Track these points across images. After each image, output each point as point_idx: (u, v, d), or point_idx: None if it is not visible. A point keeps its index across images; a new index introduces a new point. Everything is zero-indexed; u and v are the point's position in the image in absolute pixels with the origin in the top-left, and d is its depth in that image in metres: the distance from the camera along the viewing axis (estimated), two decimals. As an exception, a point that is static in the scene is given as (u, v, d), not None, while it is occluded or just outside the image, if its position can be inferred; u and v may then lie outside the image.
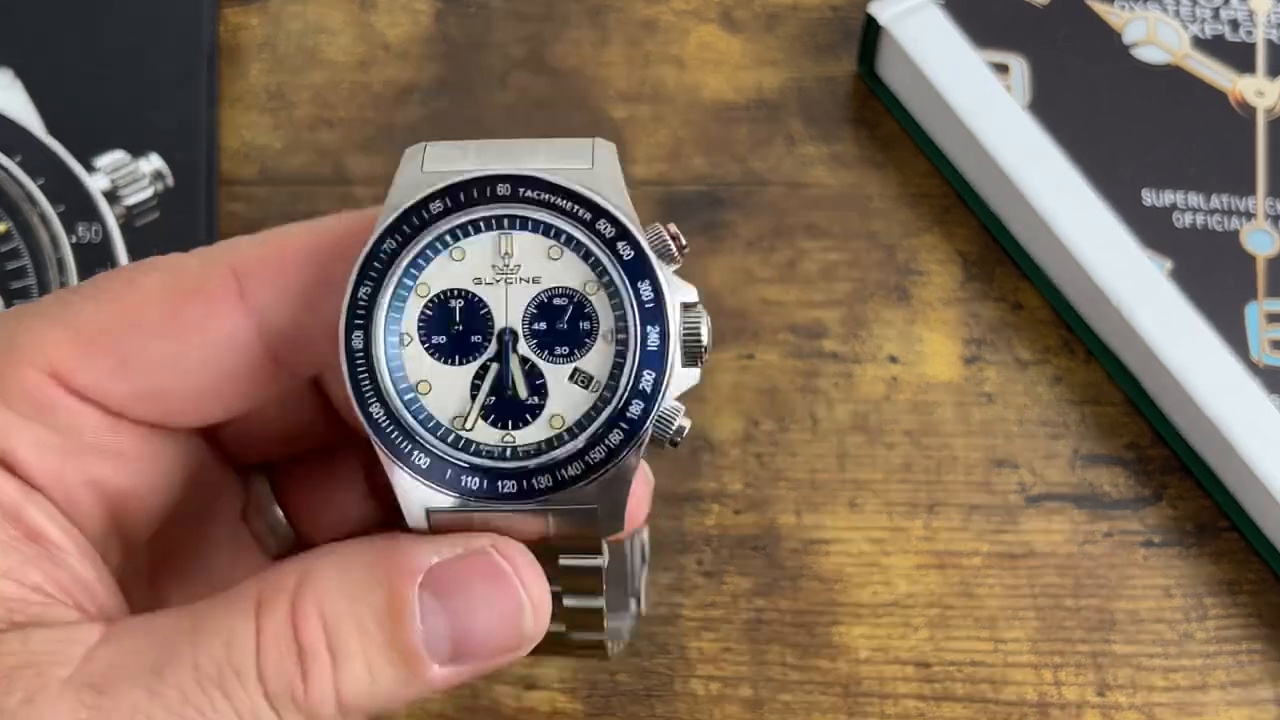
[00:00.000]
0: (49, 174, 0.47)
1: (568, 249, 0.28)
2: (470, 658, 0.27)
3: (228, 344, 0.28)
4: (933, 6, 0.50)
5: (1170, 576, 0.45)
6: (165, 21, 0.50)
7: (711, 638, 0.43)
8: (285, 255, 0.29)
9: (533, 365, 0.27)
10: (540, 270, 0.28)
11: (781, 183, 0.50)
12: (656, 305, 0.27)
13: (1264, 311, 0.45)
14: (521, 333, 0.27)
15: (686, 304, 0.28)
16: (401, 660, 0.26)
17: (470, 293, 0.27)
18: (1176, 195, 0.47)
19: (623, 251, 0.28)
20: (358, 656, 0.26)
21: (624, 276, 0.27)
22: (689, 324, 0.27)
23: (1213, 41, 0.50)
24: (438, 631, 0.26)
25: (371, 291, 0.27)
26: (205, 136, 0.49)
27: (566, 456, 0.27)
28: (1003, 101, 0.48)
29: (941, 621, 0.44)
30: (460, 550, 0.27)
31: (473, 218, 0.27)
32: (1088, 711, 0.42)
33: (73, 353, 0.28)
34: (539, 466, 0.27)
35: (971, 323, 0.48)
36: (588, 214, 0.27)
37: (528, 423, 0.27)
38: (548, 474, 0.27)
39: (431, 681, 0.26)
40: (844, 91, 0.52)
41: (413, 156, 0.28)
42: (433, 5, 0.53)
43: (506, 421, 0.27)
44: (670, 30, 0.53)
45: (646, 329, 0.27)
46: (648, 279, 0.27)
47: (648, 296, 0.27)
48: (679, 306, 0.28)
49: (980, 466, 0.46)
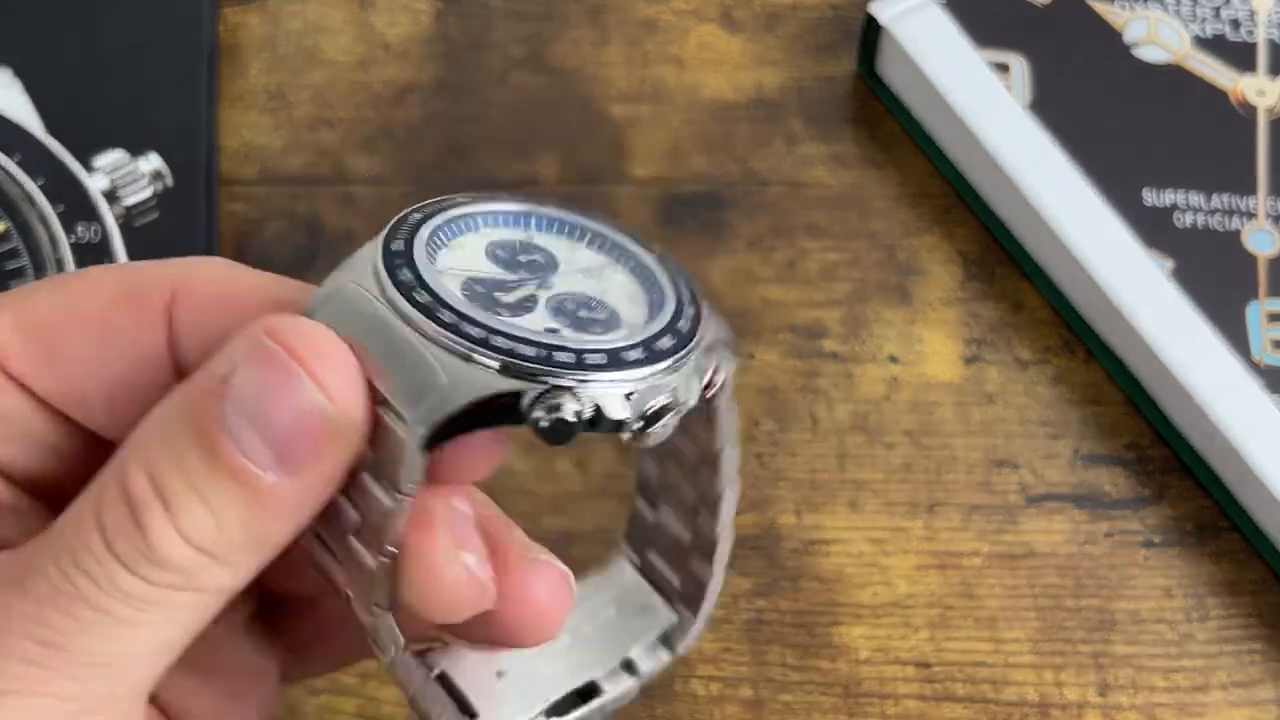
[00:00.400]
0: (48, 174, 0.47)
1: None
2: (293, 458, 0.25)
3: (145, 359, 0.28)
4: (933, 6, 0.50)
5: (1171, 577, 0.45)
6: (164, 21, 0.50)
7: (711, 638, 0.43)
8: (235, 291, 0.28)
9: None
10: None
11: (781, 183, 0.50)
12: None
13: (1265, 311, 0.45)
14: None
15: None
16: (230, 479, 0.25)
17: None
18: (1177, 195, 0.47)
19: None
20: (188, 492, 0.25)
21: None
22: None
23: (1214, 41, 0.50)
24: (251, 440, 0.25)
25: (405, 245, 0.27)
26: (205, 136, 0.49)
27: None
28: (1003, 101, 0.48)
29: (942, 622, 0.44)
30: (244, 345, 0.25)
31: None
32: (1089, 712, 0.42)
33: (12, 337, 0.28)
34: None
35: (972, 323, 0.48)
36: None
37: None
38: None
39: (274, 495, 0.25)
40: (844, 91, 0.52)
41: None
42: (432, 5, 0.53)
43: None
44: (670, 30, 0.53)
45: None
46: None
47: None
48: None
49: (980, 466, 0.46)
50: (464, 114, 0.51)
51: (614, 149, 0.51)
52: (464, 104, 0.51)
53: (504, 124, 0.51)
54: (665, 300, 0.27)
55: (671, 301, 0.27)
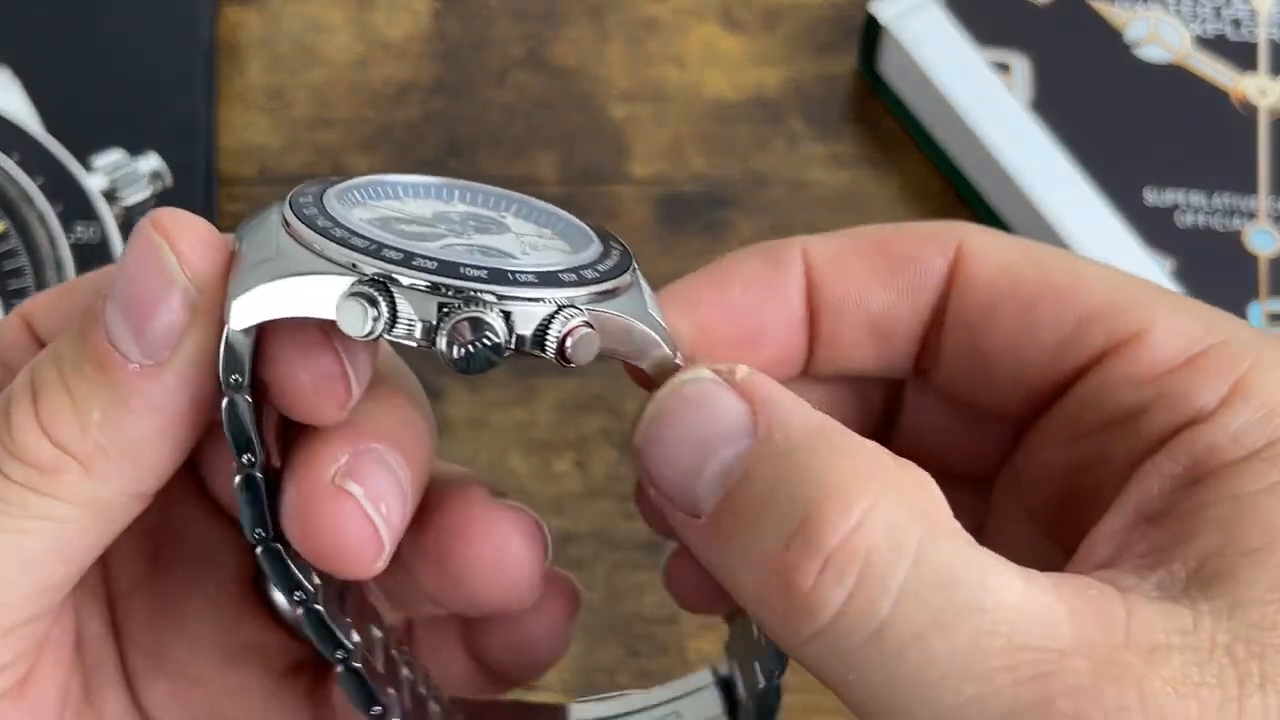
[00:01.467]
0: (47, 173, 0.47)
1: None
2: (153, 338, 0.24)
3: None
4: (934, 5, 0.50)
5: (1172, 577, 0.44)
6: (164, 20, 0.50)
7: (712, 638, 0.43)
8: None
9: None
10: None
11: (781, 182, 0.50)
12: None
13: (1266, 311, 0.45)
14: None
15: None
16: (95, 369, 0.24)
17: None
18: (1178, 195, 0.47)
19: None
20: (56, 384, 0.24)
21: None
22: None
23: (1214, 40, 0.50)
24: (118, 326, 0.24)
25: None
26: (204, 136, 0.49)
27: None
28: (1004, 100, 0.48)
29: (943, 622, 0.44)
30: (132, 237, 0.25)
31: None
32: (1089, 713, 0.42)
33: (45, 299, 0.27)
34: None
35: (973, 322, 0.48)
36: None
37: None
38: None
39: (135, 386, 0.24)
40: (844, 90, 0.52)
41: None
42: (432, 4, 0.53)
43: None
44: (670, 29, 0.53)
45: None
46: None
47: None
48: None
49: (981, 467, 0.46)
50: (463, 113, 0.51)
51: (614, 149, 0.51)
52: (463, 103, 0.51)
53: (503, 123, 0.51)
54: (592, 244, 0.25)
55: (598, 245, 0.25)
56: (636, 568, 0.44)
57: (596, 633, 0.43)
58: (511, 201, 0.27)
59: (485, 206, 0.26)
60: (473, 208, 0.26)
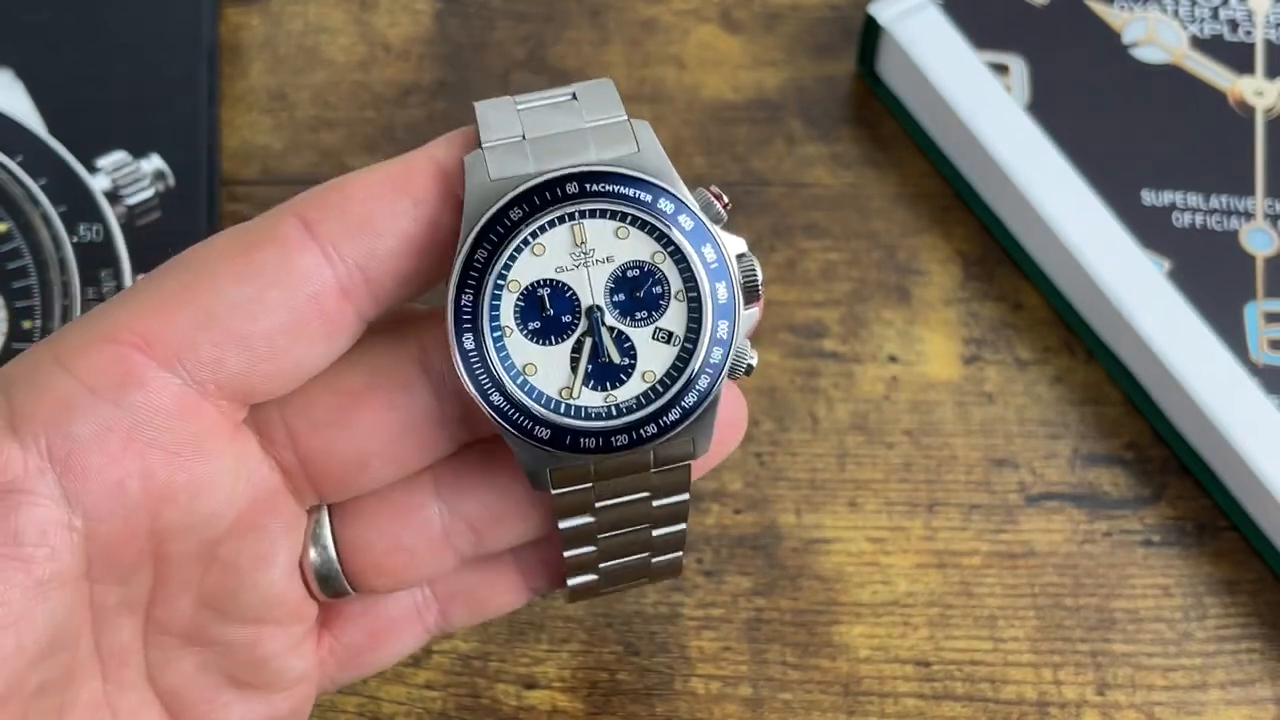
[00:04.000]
0: (50, 174, 0.47)
1: (634, 228, 0.31)
2: None
3: (303, 279, 0.29)
4: (933, 7, 0.50)
5: (1170, 576, 0.45)
6: (166, 22, 0.50)
7: (711, 637, 0.43)
8: (345, 193, 0.30)
9: (620, 332, 0.31)
10: (612, 250, 0.31)
11: (781, 183, 0.50)
12: (720, 264, 0.31)
13: (1263, 311, 0.45)
14: (605, 306, 0.31)
15: (739, 255, 0.31)
16: None
17: (555, 280, 0.31)
18: (1176, 195, 0.47)
19: (684, 224, 0.31)
20: None
21: (690, 245, 0.31)
22: (746, 272, 0.31)
23: (1212, 41, 0.50)
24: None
25: (473, 298, 0.30)
26: (206, 136, 0.49)
27: (665, 404, 0.31)
28: (1002, 102, 0.48)
29: (941, 621, 0.44)
30: None
31: (549, 218, 0.30)
32: (1087, 711, 0.43)
33: (157, 315, 0.29)
34: (643, 418, 0.31)
35: (971, 323, 0.48)
36: (648, 196, 0.31)
37: (623, 382, 0.31)
38: (652, 423, 0.31)
39: None
40: (844, 91, 0.52)
41: (475, 164, 0.30)
42: (433, 5, 0.53)
43: (606, 384, 0.31)
44: (670, 30, 0.53)
45: (715, 286, 0.31)
46: (709, 242, 0.31)
47: (712, 258, 0.31)
48: (735, 259, 0.31)
49: (980, 466, 0.46)
50: (465, 115, 0.51)
51: (614, 149, 0.51)
52: (465, 104, 0.51)
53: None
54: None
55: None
56: (637, 566, 0.44)
57: (596, 632, 0.43)
58: (614, 213, 0.32)
59: (604, 218, 0.32)
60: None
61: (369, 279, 0.30)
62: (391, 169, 0.31)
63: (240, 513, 0.30)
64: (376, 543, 0.33)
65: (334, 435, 0.31)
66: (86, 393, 0.28)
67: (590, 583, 0.35)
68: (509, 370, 0.30)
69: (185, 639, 0.31)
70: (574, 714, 0.42)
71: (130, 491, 0.28)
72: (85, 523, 0.28)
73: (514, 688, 0.43)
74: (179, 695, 0.32)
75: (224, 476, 0.30)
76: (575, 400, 0.31)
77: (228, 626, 0.32)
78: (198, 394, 0.29)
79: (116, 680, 0.30)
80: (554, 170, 0.30)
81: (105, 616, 0.30)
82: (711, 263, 0.31)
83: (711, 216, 0.31)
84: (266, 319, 0.29)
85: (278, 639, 0.32)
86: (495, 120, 0.31)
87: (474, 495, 0.33)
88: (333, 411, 0.31)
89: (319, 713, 0.42)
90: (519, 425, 0.30)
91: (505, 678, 0.43)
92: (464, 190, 0.30)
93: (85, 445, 0.28)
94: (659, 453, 0.31)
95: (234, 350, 0.29)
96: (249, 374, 0.29)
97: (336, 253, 0.30)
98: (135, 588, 0.30)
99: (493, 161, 0.30)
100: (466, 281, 0.30)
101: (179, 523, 0.29)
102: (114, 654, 0.30)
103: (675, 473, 0.32)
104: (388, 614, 0.35)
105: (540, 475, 0.31)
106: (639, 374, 0.31)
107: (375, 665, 0.35)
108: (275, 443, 0.31)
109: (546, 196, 0.30)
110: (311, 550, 0.33)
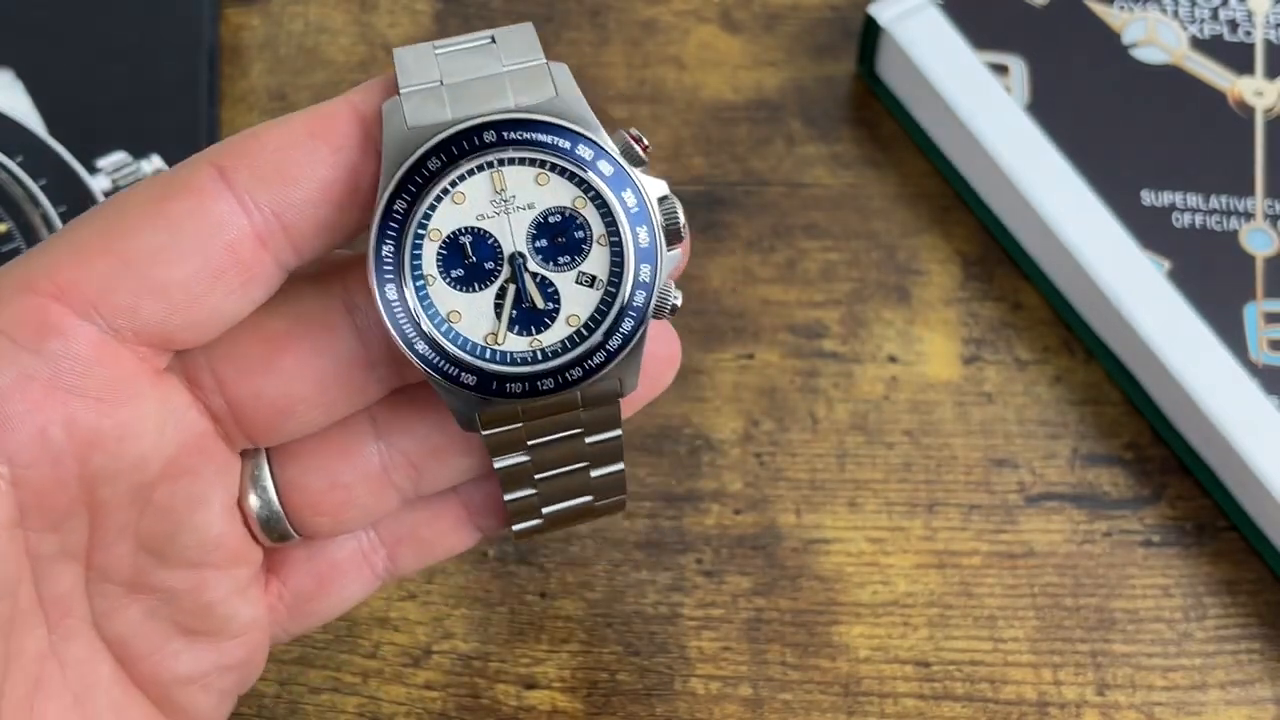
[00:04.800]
0: (50, 174, 0.47)
1: (553, 174, 0.31)
2: None
3: (217, 227, 0.29)
4: (932, 7, 0.50)
5: (1169, 576, 0.45)
6: (166, 22, 0.50)
7: (711, 637, 0.43)
8: (261, 140, 0.30)
9: (543, 278, 0.31)
10: (533, 197, 0.31)
11: (781, 183, 0.50)
12: (641, 208, 0.31)
13: (1263, 311, 0.45)
14: (528, 252, 0.31)
15: (660, 198, 0.31)
16: None
17: (476, 228, 0.31)
18: (1175, 195, 0.47)
19: (603, 169, 0.31)
20: None
21: (610, 190, 0.31)
22: (667, 214, 0.31)
23: (1211, 42, 0.50)
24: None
25: (394, 248, 0.30)
26: (206, 137, 0.49)
27: (590, 348, 0.31)
28: (1002, 102, 0.48)
29: (941, 621, 0.44)
30: None
31: (468, 167, 0.30)
32: (1087, 711, 0.43)
33: (73, 264, 0.29)
34: (569, 361, 0.31)
35: (971, 323, 0.48)
36: (566, 143, 0.31)
37: (548, 326, 0.31)
38: (578, 366, 0.31)
39: None
40: (844, 92, 0.52)
41: (393, 112, 0.30)
42: (433, 5, 0.53)
43: (530, 329, 0.31)
44: (670, 30, 0.53)
45: (636, 230, 0.31)
46: (629, 187, 0.31)
47: (632, 203, 0.31)
48: (657, 202, 0.31)
49: (980, 466, 0.46)
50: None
51: (614, 149, 0.51)
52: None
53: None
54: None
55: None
56: (636, 567, 0.44)
57: (596, 632, 0.43)
58: (533, 160, 0.32)
59: (524, 165, 0.32)
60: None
61: (287, 227, 0.30)
62: (308, 116, 0.31)
63: (170, 457, 0.31)
64: (315, 481, 0.33)
65: (260, 380, 0.31)
66: (5, 342, 0.28)
67: (535, 527, 0.36)
68: (433, 319, 0.31)
69: (128, 586, 0.32)
70: (574, 714, 0.42)
71: (54, 438, 0.29)
72: (11, 469, 0.28)
73: (514, 688, 0.43)
74: (127, 644, 0.32)
75: (149, 421, 0.30)
76: (501, 346, 0.31)
77: (169, 571, 0.32)
78: (116, 341, 0.29)
79: (62, 630, 0.31)
80: (471, 119, 0.30)
81: (44, 565, 0.30)
82: (632, 207, 0.31)
83: (631, 160, 0.31)
84: (182, 266, 0.29)
85: (222, 583, 0.33)
86: (413, 65, 0.31)
87: (411, 431, 0.34)
88: (258, 356, 0.31)
89: (319, 713, 0.42)
90: (445, 373, 0.31)
91: (505, 678, 0.43)
92: (382, 138, 0.30)
93: (6, 393, 0.28)
94: (586, 392, 0.32)
95: (150, 297, 0.29)
96: (166, 321, 0.29)
97: (252, 200, 0.30)
98: (71, 535, 0.30)
99: (410, 108, 0.30)
100: (387, 232, 0.30)
101: (108, 468, 0.30)
102: (57, 603, 0.31)
103: (604, 408, 0.33)
104: (333, 558, 0.35)
105: (470, 419, 0.32)
106: (563, 318, 0.31)
107: (325, 613, 0.36)
108: (203, 388, 0.31)
109: (464, 146, 0.30)
110: (252, 494, 0.33)
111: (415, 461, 0.34)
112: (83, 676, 0.31)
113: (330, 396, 0.32)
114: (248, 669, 0.34)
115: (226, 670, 0.34)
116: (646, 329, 0.31)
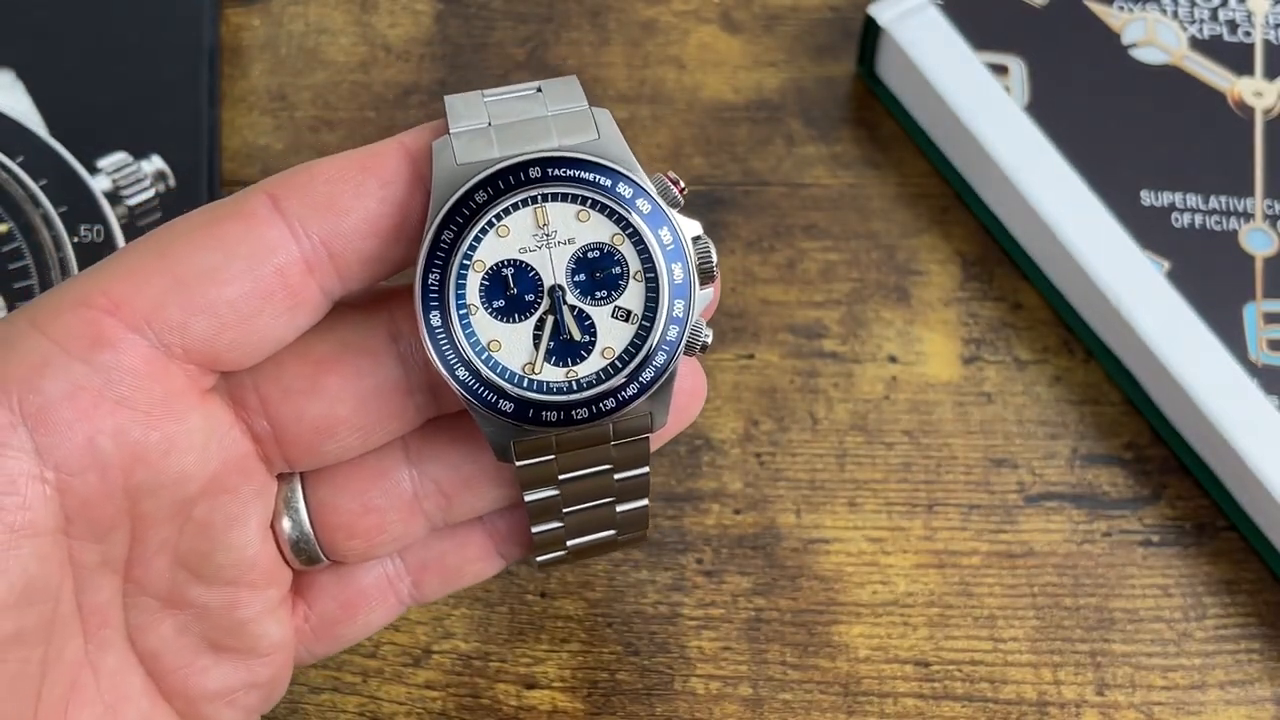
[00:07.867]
0: (51, 175, 0.47)
1: (594, 211, 0.32)
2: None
3: (269, 251, 0.30)
4: (932, 8, 0.50)
5: (1169, 576, 0.45)
6: (167, 23, 0.50)
7: (711, 637, 0.43)
8: (313, 173, 0.31)
9: (580, 310, 0.32)
10: (573, 232, 0.32)
11: (781, 183, 0.50)
12: (676, 246, 0.32)
13: (1262, 311, 0.45)
14: (567, 285, 0.32)
15: (694, 237, 0.32)
16: None
17: (519, 260, 0.32)
18: (1175, 196, 0.47)
19: (642, 207, 0.32)
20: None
21: (647, 227, 0.32)
22: (701, 254, 0.32)
23: (1211, 42, 0.50)
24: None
25: (439, 277, 0.31)
26: (207, 137, 0.49)
27: (623, 380, 0.32)
28: (1002, 102, 0.48)
29: (940, 621, 0.44)
30: None
31: (513, 200, 0.31)
32: (1086, 710, 0.43)
33: (128, 281, 0.30)
34: (603, 393, 0.32)
35: (971, 323, 0.48)
36: (608, 181, 0.32)
37: (584, 358, 0.32)
38: (611, 397, 0.32)
39: None
40: (844, 92, 0.52)
41: (443, 149, 0.32)
42: (433, 6, 0.53)
43: (567, 360, 0.32)
44: (670, 31, 0.53)
45: (671, 266, 0.32)
46: (665, 225, 0.32)
47: (668, 240, 0.32)
48: (691, 241, 0.32)
49: (979, 466, 0.46)
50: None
51: (614, 150, 0.51)
52: (465, 105, 0.51)
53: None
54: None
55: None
56: (637, 567, 0.44)
57: (596, 632, 0.43)
58: (575, 196, 0.33)
59: (566, 201, 0.33)
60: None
61: (334, 255, 0.31)
62: (360, 153, 0.32)
63: (212, 474, 0.31)
64: (347, 504, 0.34)
65: (303, 401, 0.32)
66: (59, 352, 0.29)
67: (559, 558, 0.37)
68: (474, 347, 0.31)
69: (163, 600, 0.32)
70: (574, 714, 0.42)
71: (102, 448, 0.29)
72: (58, 476, 0.29)
73: (514, 688, 0.43)
74: (159, 657, 0.33)
75: (194, 437, 0.31)
76: (538, 375, 0.32)
77: (204, 588, 0.32)
78: (165, 356, 0.30)
79: (98, 640, 0.31)
80: (518, 155, 0.32)
81: (85, 574, 0.30)
82: (668, 245, 0.32)
83: (669, 201, 0.32)
84: (232, 286, 0.30)
85: (254, 603, 0.33)
86: (463, 109, 0.32)
87: (443, 460, 0.34)
88: (302, 377, 0.32)
89: (319, 713, 0.42)
90: (484, 399, 0.32)
91: (505, 678, 0.43)
92: (431, 174, 0.31)
93: (57, 401, 0.29)
94: (618, 426, 0.33)
95: (200, 315, 0.30)
96: (215, 339, 0.30)
97: (303, 228, 0.31)
98: (113, 546, 0.31)
99: (459, 146, 0.32)
100: (433, 261, 0.31)
101: (152, 481, 0.30)
102: (95, 613, 0.31)
103: (635, 445, 0.34)
104: (360, 584, 0.36)
105: (505, 447, 0.33)
106: (599, 350, 0.32)
107: (350, 637, 0.36)
108: (248, 408, 0.32)
109: (510, 180, 0.31)
110: (285, 518, 0.34)
111: (446, 490, 0.34)
112: (115, 687, 0.31)
113: (370, 420, 0.33)
114: (273, 688, 0.35)
115: (253, 688, 0.34)
116: (678, 364, 0.32)
